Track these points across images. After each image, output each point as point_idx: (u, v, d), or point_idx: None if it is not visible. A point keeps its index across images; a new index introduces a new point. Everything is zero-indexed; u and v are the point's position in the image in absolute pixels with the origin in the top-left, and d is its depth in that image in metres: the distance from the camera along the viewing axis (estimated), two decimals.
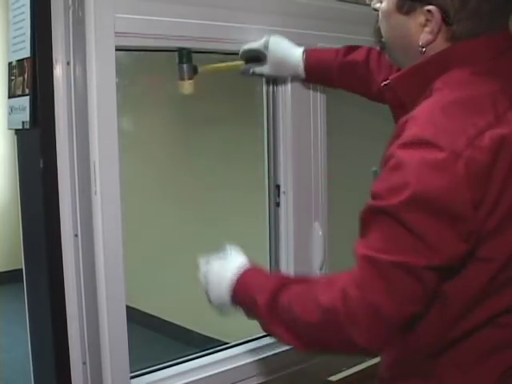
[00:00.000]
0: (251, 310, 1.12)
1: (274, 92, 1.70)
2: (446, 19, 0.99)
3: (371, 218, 0.97)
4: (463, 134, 0.92)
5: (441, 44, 1.02)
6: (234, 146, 2.94)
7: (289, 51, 1.52)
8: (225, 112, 2.94)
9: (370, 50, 1.48)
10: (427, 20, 1.00)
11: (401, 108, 1.10)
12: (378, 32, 1.12)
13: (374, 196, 0.97)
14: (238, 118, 2.78)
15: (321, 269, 1.75)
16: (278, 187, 1.73)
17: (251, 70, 1.53)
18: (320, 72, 1.53)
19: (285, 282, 1.08)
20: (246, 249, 1.21)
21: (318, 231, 1.75)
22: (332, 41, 1.72)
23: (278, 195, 1.73)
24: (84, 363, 1.34)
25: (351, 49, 1.51)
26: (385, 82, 1.12)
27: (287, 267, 1.72)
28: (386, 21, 1.08)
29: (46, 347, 1.34)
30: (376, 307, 0.94)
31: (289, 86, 1.67)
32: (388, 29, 1.09)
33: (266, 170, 1.75)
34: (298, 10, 1.66)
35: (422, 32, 1.02)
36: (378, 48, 1.26)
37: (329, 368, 1.83)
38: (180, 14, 1.44)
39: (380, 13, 1.09)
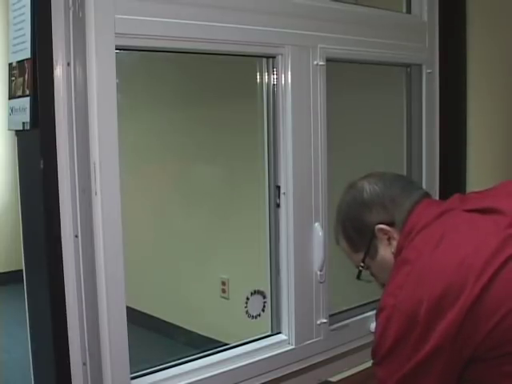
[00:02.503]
0: None
1: (274, 92, 1.70)
2: (390, 223, 1.24)
3: None
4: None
5: (398, 236, 1.24)
6: (234, 147, 2.94)
7: None
8: (226, 112, 2.94)
9: None
10: (386, 235, 1.25)
11: None
12: (380, 283, 1.31)
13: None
14: (239, 119, 2.78)
15: (321, 270, 1.75)
16: (278, 188, 1.73)
17: None
18: None
19: None
20: (246, 250, 1.22)
21: (318, 232, 1.74)
22: (332, 41, 1.72)
23: (279, 196, 1.73)
24: (84, 364, 1.34)
25: None
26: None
27: (287, 268, 1.72)
28: (375, 267, 1.30)
29: (46, 347, 1.33)
30: None
31: (289, 85, 1.67)
32: (379, 269, 1.29)
33: (266, 171, 1.75)
34: (297, 11, 1.67)
35: (392, 245, 1.25)
36: None
37: (329, 368, 1.83)
38: (180, 15, 1.44)
39: (371, 269, 1.31)
